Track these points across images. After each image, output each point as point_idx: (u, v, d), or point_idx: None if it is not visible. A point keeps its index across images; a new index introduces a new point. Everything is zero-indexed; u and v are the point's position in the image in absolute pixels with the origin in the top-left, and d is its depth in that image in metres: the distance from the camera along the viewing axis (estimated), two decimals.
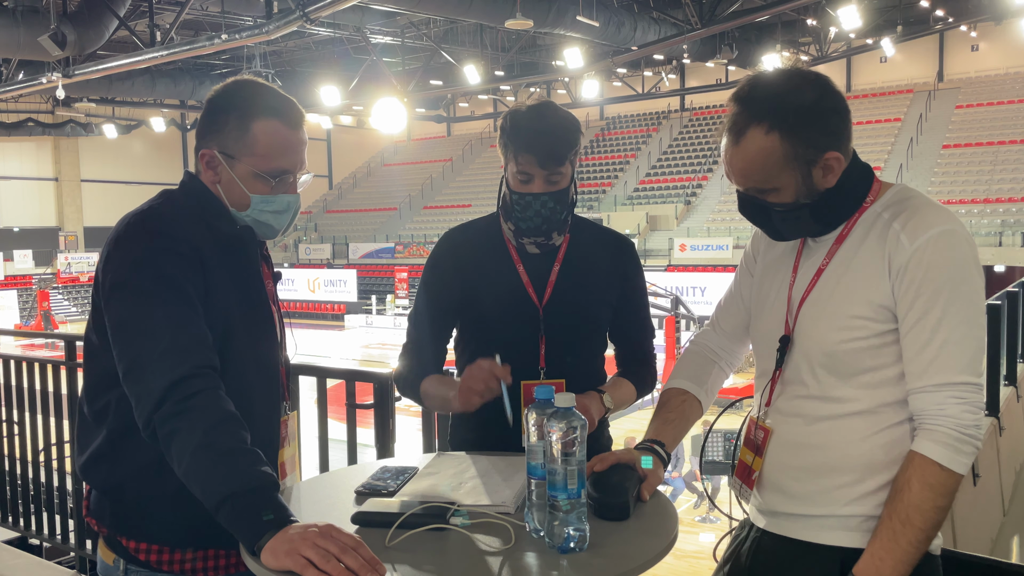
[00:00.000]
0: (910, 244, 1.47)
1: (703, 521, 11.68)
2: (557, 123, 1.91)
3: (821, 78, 1.53)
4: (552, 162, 1.89)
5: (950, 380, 1.43)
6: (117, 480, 1.61)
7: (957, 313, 1.44)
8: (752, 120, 1.49)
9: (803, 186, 1.52)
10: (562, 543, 1.34)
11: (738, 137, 1.51)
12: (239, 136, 1.64)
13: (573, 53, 21.18)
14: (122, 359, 1.50)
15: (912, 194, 1.56)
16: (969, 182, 28.66)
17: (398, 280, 33.00)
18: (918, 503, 1.43)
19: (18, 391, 4.13)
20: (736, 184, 1.58)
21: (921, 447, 1.45)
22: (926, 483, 1.43)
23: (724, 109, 1.59)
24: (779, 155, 1.49)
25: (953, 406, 1.43)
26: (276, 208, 1.69)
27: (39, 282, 31.27)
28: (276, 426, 1.78)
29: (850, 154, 1.56)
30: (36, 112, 35.24)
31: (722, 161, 1.56)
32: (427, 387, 2.00)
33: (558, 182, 1.91)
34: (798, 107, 1.49)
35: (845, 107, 1.54)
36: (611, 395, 1.97)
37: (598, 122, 41.42)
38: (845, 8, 19.09)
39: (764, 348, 1.70)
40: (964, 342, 1.44)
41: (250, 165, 1.64)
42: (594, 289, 2.01)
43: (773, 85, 1.52)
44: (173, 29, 16.26)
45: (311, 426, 2.87)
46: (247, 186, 1.65)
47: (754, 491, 1.68)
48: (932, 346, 1.44)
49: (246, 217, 1.68)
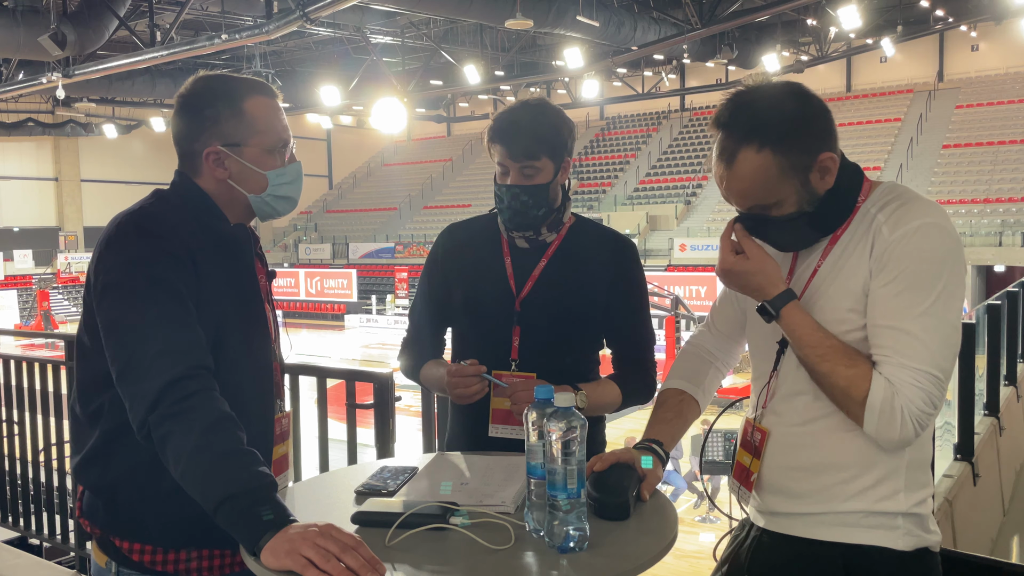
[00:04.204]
0: (890, 234, 1.48)
1: (703, 521, 11.68)
2: (534, 118, 1.94)
3: (797, 86, 1.54)
4: (522, 155, 1.92)
5: (913, 366, 1.42)
6: (110, 480, 1.61)
7: (926, 303, 1.43)
8: (741, 143, 1.50)
9: (804, 193, 1.53)
10: (562, 543, 1.34)
11: (730, 162, 1.51)
12: (237, 122, 1.65)
13: (573, 53, 21.18)
14: (115, 361, 1.49)
15: (901, 190, 1.57)
16: (969, 182, 28.65)
17: (398, 280, 33.00)
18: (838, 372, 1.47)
19: (18, 391, 4.13)
20: (737, 206, 1.58)
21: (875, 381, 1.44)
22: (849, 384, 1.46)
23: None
24: (775, 170, 1.50)
25: (913, 389, 1.42)
26: (290, 178, 1.72)
27: (39, 282, 31.26)
28: (270, 424, 1.78)
29: (839, 153, 1.57)
30: (36, 112, 35.24)
31: (718, 186, 1.57)
32: (425, 372, 2.10)
33: (533, 176, 1.93)
34: (783, 119, 1.50)
35: (825, 108, 1.55)
36: (588, 394, 1.93)
37: (598, 122, 41.42)
38: (845, 8, 19.09)
39: (760, 350, 1.70)
40: (931, 333, 1.43)
41: (257, 145, 1.67)
42: (582, 287, 2.01)
43: (753, 103, 1.52)
44: (173, 29, 16.25)
45: (311, 426, 2.88)
46: (260, 166, 1.68)
47: (753, 492, 1.68)
48: (898, 334, 1.44)
49: (266, 198, 1.70)
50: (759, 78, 1.59)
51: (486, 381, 1.89)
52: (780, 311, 1.54)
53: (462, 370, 1.89)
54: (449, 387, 1.91)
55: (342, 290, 35.30)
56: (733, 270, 1.58)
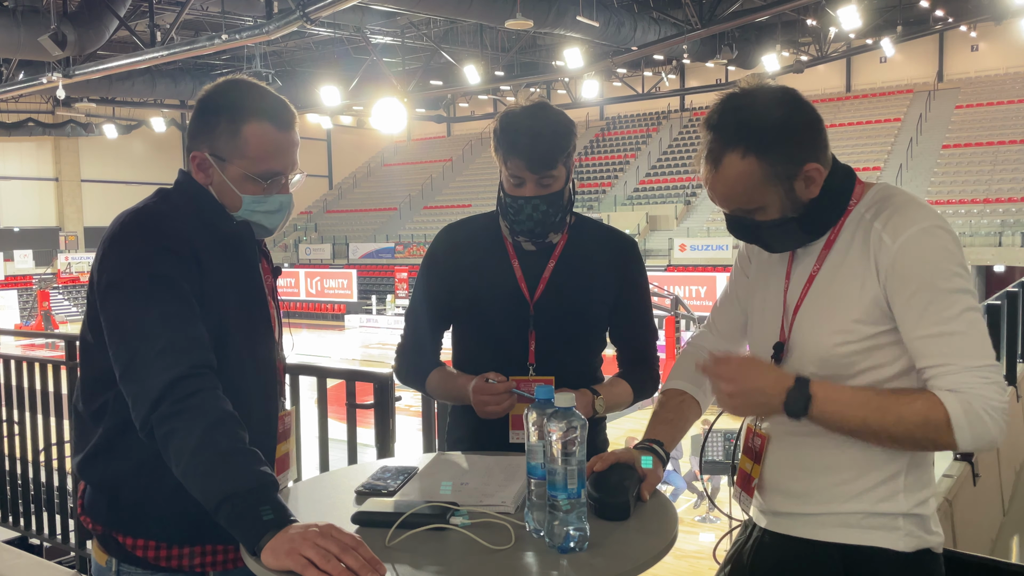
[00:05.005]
0: (893, 242, 1.48)
1: (703, 521, 11.68)
2: (547, 126, 1.89)
3: (789, 92, 1.54)
4: (542, 166, 1.88)
5: (973, 365, 1.42)
6: (114, 476, 1.61)
7: (955, 303, 1.44)
8: (727, 146, 1.50)
9: (787, 201, 1.53)
10: (562, 543, 1.34)
11: (716, 164, 1.52)
12: (229, 139, 1.63)
13: (573, 53, 21.18)
14: (118, 359, 1.50)
15: (893, 192, 1.57)
16: (969, 182, 28.65)
17: (398, 280, 33.01)
18: (907, 414, 1.42)
19: (18, 391, 4.13)
20: (721, 207, 1.59)
21: (945, 398, 1.41)
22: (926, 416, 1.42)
23: None
24: (758, 176, 1.50)
25: (983, 386, 1.41)
26: (268, 208, 1.68)
27: (39, 282, 31.27)
28: (273, 422, 1.78)
29: (829, 161, 1.57)
30: (36, 112, 35.24)
31: (704, 186, 1.57)
32: (436, 381, 2.03)
33: (550, 185, 1.91)
34: (770, 127, 1.50)
35: (816, 117, 1.55)
36: (605, 396, 1.95)
37: (598, 122, 41.42)
38: (845, 8, 19.09)
39: (761, 352, 1.70)
40: (971, 329, 1.43)
41: (241, 167, 1.64)
42: (590, 287, 2.01)
43: (743, 108, 1.52)
44: (173, 29, 16.25)
45: (311, 426, 2.88)
46: (238, 187, 1.65)
47: (755, 493, 1.68)
48: (943, 339, 1.43)
49: (238, 217, 1.67)
50: (756, 80, 1.58)
51: (509, 399, 1.84)
52: (807, 410, 1.48)
53: (491, 388, 1.84)
54: (477, 404, 1.87)
55: (342, 290, 35.31)
56: (732, 403, 1.53)
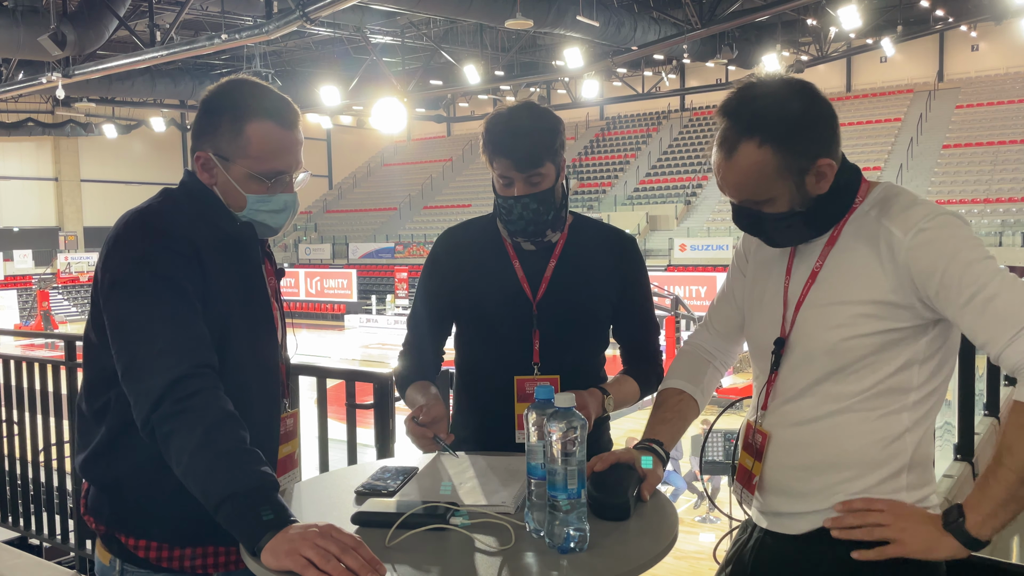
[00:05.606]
0: (904, 235, 1.47)
1: (703, 521, 11.68)
2: (531, 125, 1.90)
3: (807, 86, 1.54)
4: (528, 165, 1.89)
5: (1021, 326, 1.39)
6: (116, 476, 1.61)
7: (986, 270, 1.42)
8: (743, 135, 1.50)
9: (797, 194, 1.53)
10: (562, 543, 1.34)
11: (730, 152, 1.51)
12: (233, 138, 1.63)
13: (573, 53, 21.18)
14: (120, 358, 1.50)
15: (897, 191, 1.57)
16: (969, 182, 28.66)
17: (398, 280, 33.02)
18: (1009, 443, 1.41)
19: (18, 391, 4.13)
20: (730, 197, 1.58)
21: (1019, 394, 1.41)
22: (1019, 424, 1.41)
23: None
24: (772, 168, 1.50)
25: None
26: (273, 208, 1.68)
27: (39, 282, 31.27)
28: (276, 423, 1.78)
29: (839, 158, 1.57)
30: (36, 112, 35.24)
31: (714, 174, 1.57)
32: (409, 394, 2.04)
33: (539, 183, 1.91)
34: (787, 118, 1.49)
35: (832, 113, 1.55)
36: (614, 395, 1.96)
37: (598, 122, 41.43)
38: (845, 8, 19.09)
39: (760, 351, 1.70)
40: (1011, 290, 1.41)
41: (244, 167, 1.64)
42: (592, 285, 2.01)
43: (761, 97, 1.51)
44: (173, 29, 16.25)
45: (311, 426, 2.87)
46: (242, 187, 1.65)
47: (756, 493, 1.68)
48: (989, 309, 1.41)
49: (243, 216, 1.68)
50: (771, 72, 1.57)
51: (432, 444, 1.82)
52: (978, 533, 1.47)
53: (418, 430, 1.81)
54: (407, 431, 1.86)
55: (342, 290, 35.32)
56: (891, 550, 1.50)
